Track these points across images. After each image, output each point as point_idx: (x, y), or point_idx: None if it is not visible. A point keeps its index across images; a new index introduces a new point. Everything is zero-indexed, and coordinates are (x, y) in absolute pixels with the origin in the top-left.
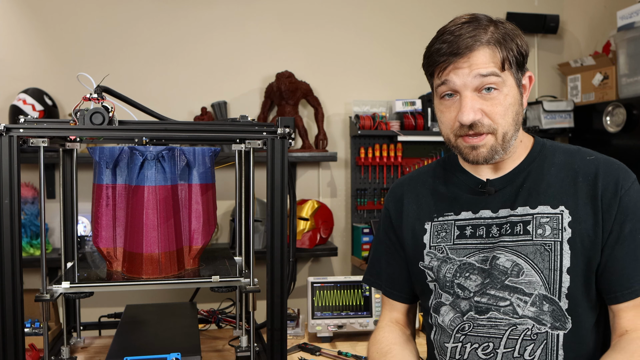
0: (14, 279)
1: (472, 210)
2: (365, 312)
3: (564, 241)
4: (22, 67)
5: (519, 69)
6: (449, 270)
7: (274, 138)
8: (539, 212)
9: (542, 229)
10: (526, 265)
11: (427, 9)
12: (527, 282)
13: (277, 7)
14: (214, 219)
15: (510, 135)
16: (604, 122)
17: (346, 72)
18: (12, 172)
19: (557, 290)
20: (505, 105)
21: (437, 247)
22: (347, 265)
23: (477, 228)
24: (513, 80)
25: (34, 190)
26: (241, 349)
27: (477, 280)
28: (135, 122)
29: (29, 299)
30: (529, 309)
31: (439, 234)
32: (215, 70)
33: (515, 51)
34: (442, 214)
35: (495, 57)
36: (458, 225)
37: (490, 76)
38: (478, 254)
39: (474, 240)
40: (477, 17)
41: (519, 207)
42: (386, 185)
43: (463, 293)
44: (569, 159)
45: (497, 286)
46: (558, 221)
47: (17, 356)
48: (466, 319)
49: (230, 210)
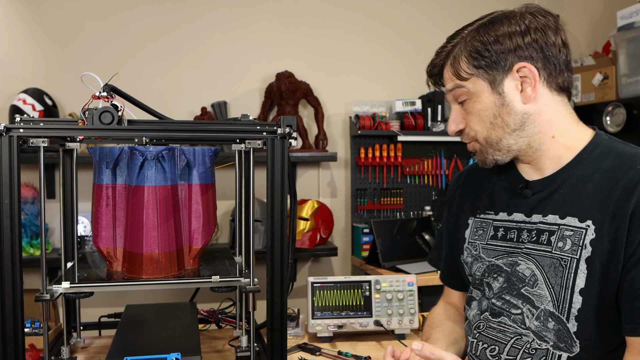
0: (14, 279)
1: (507, 211)
2: (365, 312)
3: (581, 260)
4: (22, 67)
5: (492, 70)
6: (479, 269)
7: (274, 138)
8: (566, 223)
9: (563, 242)
10: (541, 277)
11: (427, 8)
12: (537, 294)
13: (277, 7)
14: (214, 219)
15: (495, 137)
16: (604, 122)
17: (346, 72)
18: (12, 172)
19: (565, 310)
20: (475, 112)
21: (473, 244)
22: (347, 265)
23: (508, 231)
24: (485, 83)
25: (34, 190)
26: (241, 349)
27: (500, 282)
28: (143, 121)
29: (29, 299)
30: (534, 322)
31: (477, 231)
32: (215, 70)
33: (482, 53)
34: (484, 211)
35: (453, 68)
36: (494, 225)
37: (454, 90)
38: (506, 257)
39: (503, 243)
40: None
41: (550, 215)
42: (386, 185)
43: (488, 292)
44: (617, 166)
45: (512, 292)
46: (580, 237)
47: (17, 356)
48: (482, 318)
49: (230, 210)
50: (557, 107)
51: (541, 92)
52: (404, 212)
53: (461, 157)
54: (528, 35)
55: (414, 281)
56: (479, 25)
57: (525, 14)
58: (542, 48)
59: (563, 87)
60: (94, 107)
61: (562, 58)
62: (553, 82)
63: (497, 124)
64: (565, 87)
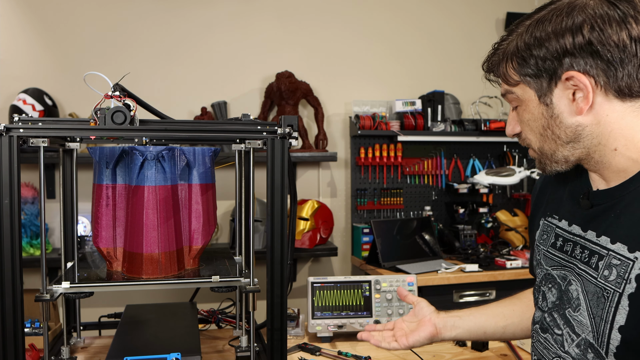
0: (14, 279)
1: (569, 221)
2: (365, 312)
3: (624, 295)
4: (22, 67)
5: (539, 80)
6: (538, 275)
7: (274, 138)
8: (615, 250)
9: (609, 270)
10: (584, 304)
11: (427, 8)
12: (579, 321)
13: (277, 7)
14: (214, 219)
15: (548, 149)
16: None
17: (346, 72)
18: (12, 172)
19: (604, 345)
20: (525, 121)
21: (538, 248)
22: (347, 265)
23: (566, 242)
24: (532, 92)
25: (34, 190)
26: (241, 349)
27: (555, 296)
28: (152, 121)
29: (29, 299)
30: (574, 348)
31: (542, 235)
32: (215, 70)
33: (530, 59)
34: (552, 214)
35: (506, 72)
36: (556, 232)
37: (506, 95)
38: (560, 269)
39: (560, 254)
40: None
41: (603, 236)
42: (386, 185)
43: (542, 303)
44: None
45: (560, 312)
46: (627, 269)
47: (17, 356)
48: (534, 329)
49: (230, 210)
50: (622, 116)
51: (599, 101)
52: (404, 212)
53: (461, 157)
54: (580, 34)
55: (414, 281)
56: (534, 20)
57: (589, 1)
58: (598, 51)
59: (632, 91)
60: (106, 107)
61: (630, 58)
62: (616, 87)
63: (547, 135)
64: (636, 92)
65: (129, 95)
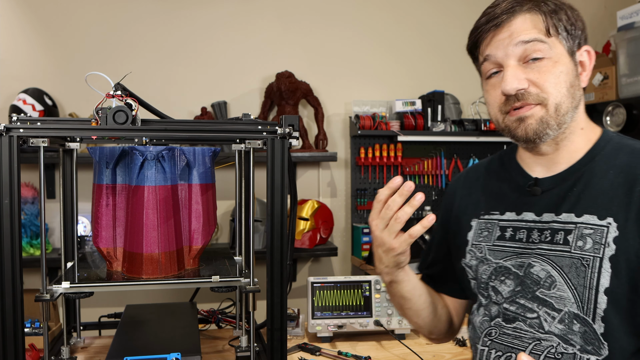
0: (14, 279)
1: (516, 211)
2: (365, 312)
3: (605, 258)
4: (22, 67)
5: (571, 39)
6: (484, 272)
7: (274, 138)
8: (584, 221)
9: (583, 241)
10: (560, 279)
11: (427, 9)
12: (557, 296)
13: (277, 7)
14: (214, 219)
15: (565, 108)
16: (604, 122)
17: (346, 72)
18: (12, 172)
19: (591, 311)
20: (556, 73)
21: (477, 246)
22: (347, 265)
23: (517, 231)
24: (564, 49)
25: (34, 190)
26: (241, 349)
27: (511, 286)
28: (153, 121)
29: (29, 299)
30: (557, 325)
31: (482, 232)
32: (216, 70)
33: (564, 20)
34: (489, 211)
35: (538, 22)
36: (501, 225)
37: (534, 42)
38: (515, 258)
39: (512, 244)
40: None
41: (564, 214)
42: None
43: (496, 297)
44: (632, 161)
45: (527, 296)
46: (602, 235)
47: (17, 356)
48: (493, 324)
49: (230, 210)
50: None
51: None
52: None
53: (461, 157)
54: (585, 27)
55: None
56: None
57: None
58: (586, 39)
59: None
60: (108, 107)
61: None
62: None
63: (574, 95)
64: None
65: (130, 95)
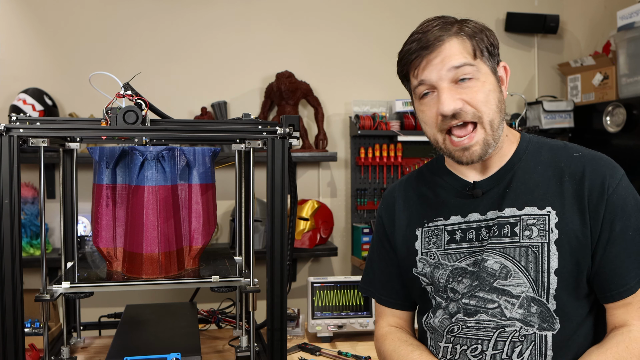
0: (14, 279)
1: (461, 214)
2: (365, 312)
3: (551, 242)
4: (22, 67)
5: (492, 59)
6: (442, 276)
7: (274, 138)
8: (526, 213)
9: (529, 230)
10: (514, 268)
11: (427, 9)
12: (514, 284)
13: (277, 8)
14: (214, 219)
15: (497, 122)
16: (604, 122)
17: (346, 72)
18: (12, 172)
19: (545, 292)
20: (485, 92)
21: (428, 254)
22: (347, 265)
23: (466, 232)
24: (488, 69)
25: (34, 190)
26: (241, 349)
27: (467, 283)
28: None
29: (29, 299)
30: (517, 311)
31: (430, 239)
32: (215, 70)
33: (485, 42)
34: (432, 219)
35: (466, 47)
36: (448, 230)
37: (464, 66)
38: (469, 258)
39: (464, 245)
40: (443, 16)
41: (507, 209)
42: (386, 185)
43: (454, 296)
44: (555, 157)
45: (485, 288)
46: (545, 222)
47: (17, 356)
48: (455, 320)
49: (230, 210)
50: None
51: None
52: None
53: None
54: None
55: None
56: (473, 22)
57: None
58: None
59: None
60: (117, 107)
61: None
62: None
63: (501, 109)
64: None
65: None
